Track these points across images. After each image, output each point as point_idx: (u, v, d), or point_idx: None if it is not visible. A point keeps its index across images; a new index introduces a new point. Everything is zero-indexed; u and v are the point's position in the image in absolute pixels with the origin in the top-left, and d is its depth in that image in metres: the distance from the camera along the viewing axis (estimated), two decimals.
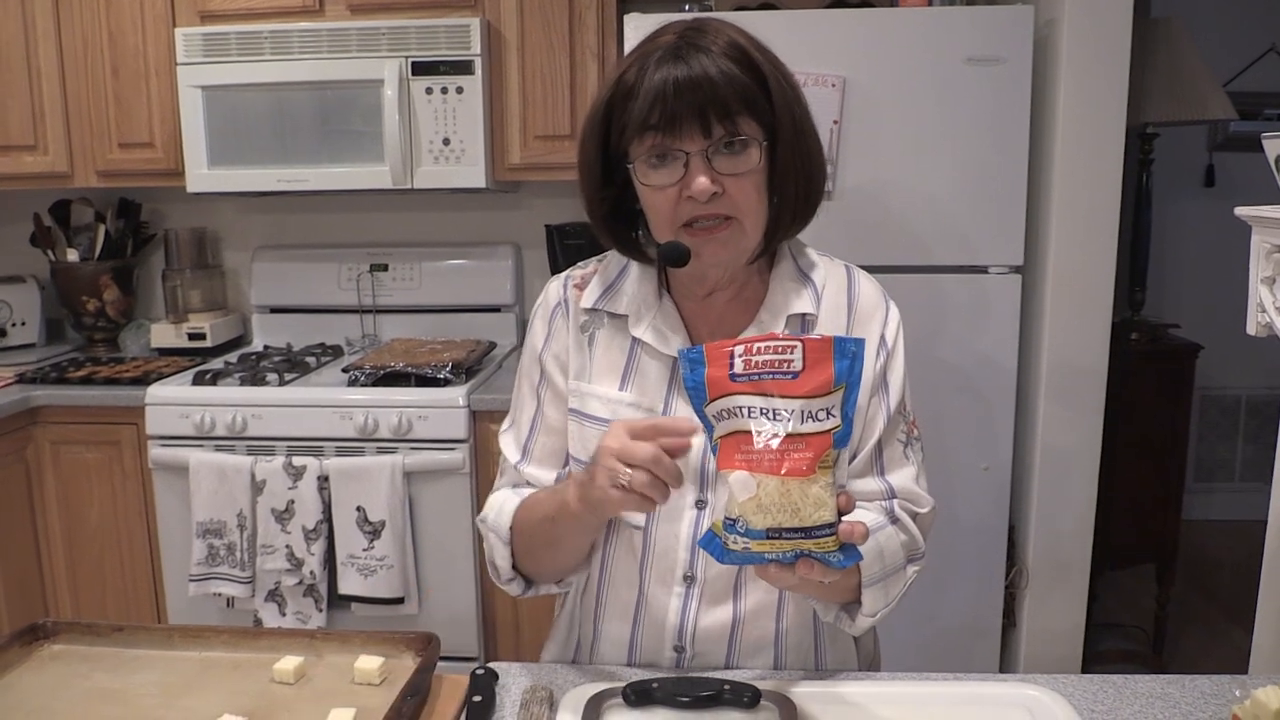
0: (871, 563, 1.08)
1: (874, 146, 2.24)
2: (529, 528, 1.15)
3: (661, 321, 1.17)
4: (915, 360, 2.26)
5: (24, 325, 3.04)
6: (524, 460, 1.23)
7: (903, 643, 2.40)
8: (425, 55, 2.55)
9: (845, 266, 1.24)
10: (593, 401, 1.18)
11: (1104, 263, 2.27)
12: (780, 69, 1.08)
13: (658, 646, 1.18)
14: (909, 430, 1.20)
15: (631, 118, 1.06)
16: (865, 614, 1.10)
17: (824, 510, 0.87)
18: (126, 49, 2.69)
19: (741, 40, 1.07)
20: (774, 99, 1.05)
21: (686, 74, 1.03)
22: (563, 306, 1.23)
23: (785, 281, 1.18)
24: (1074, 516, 2.35)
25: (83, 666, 1.10)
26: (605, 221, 1.17)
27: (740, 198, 1.07)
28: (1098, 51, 2.21)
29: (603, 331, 1.20)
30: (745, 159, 1.05)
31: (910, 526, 1.15)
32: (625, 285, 1.20)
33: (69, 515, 2.61)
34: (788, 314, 1.16)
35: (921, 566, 1.17)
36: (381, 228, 3.05)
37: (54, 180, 2.80)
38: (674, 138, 1.05)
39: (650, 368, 1.17)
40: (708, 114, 1.03)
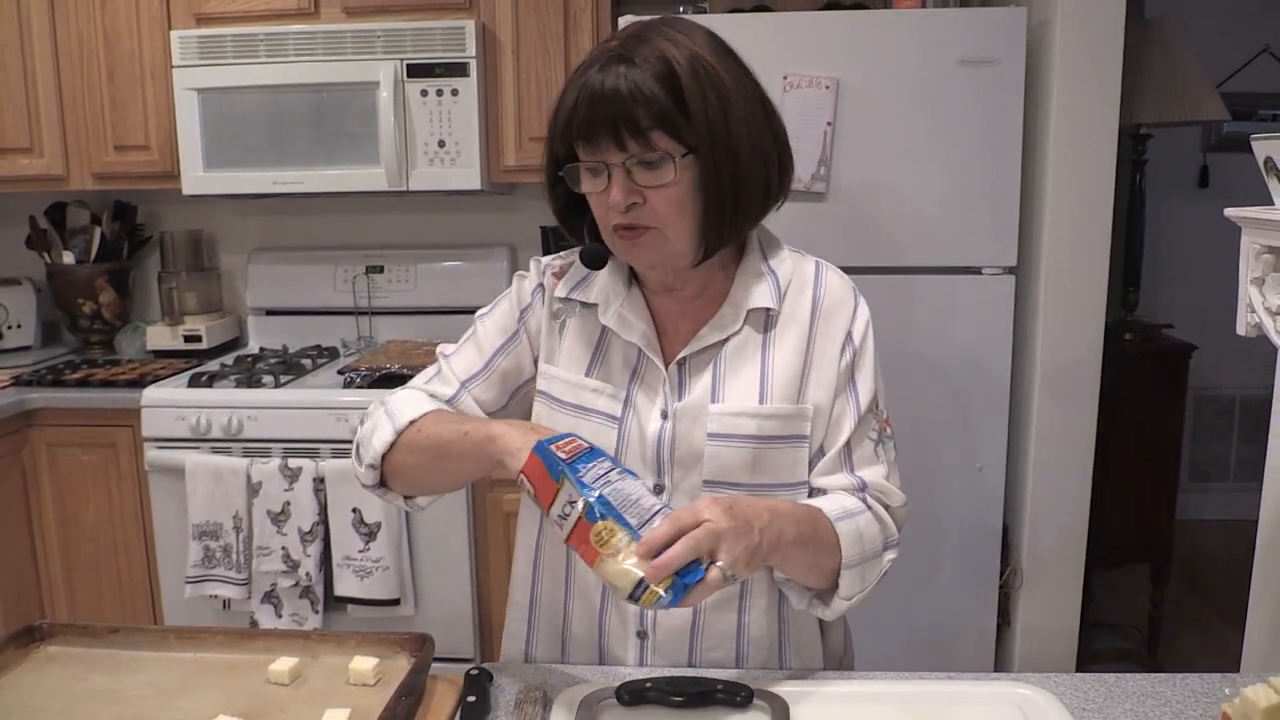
0: (851, 545, 1.10)
1: (867, 148, 2.24)
2: (431, 432, 1.15)
3: (627, 309, 1.19)
4: (910, 361, 2.29)
5: (20, 328, 3.04)
6: (461, 391, 1.25)
7: (897, 642, 2.41)
8: (420, 57, 2.55)
9: (815, 263, 1.24)
10: (559, 384, 1.21)
11: (1097, 263, 2.28)
12: (712, 83, 1.06)
13: (623, 632, 1.19)
14: (880, 429, 1.21)
15: (557, 126, 1.11)
16: (842, 596, 1.12)
17: (627, 579, 0.93)
18: (122, 52, 2.70)
19: (673, 53, 1.05)
20: (692, 116, 1.05)
21: (601, 89, 1.05)
22: (541, 290, 1.26)
23: (749, 277, 1.19)
24: (1068, 516, 2.36)
25: (78, 668, 1.10)
26: (561, 214, 1.21)
27: (660, 209, 1.08)
28: (1091, 53, 2.22)
29: (573, 320, 1.23)
30: (662, 174, 1.07)
31: (884, 515, 1.17)
32: (597, 276, 1.22)
33: (65, 517, 2.61)
34: (749, 308, 1.17)
35: (897, 554, 1.18)
36: (377, 230, 3.05)
37: (49, 183, 2.80)
38: (594, 149, 1.08)
39: (615, 356, 1.20)
40: (620, 130, 1.05)
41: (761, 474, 1.14)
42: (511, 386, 1.27)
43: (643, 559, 0.92)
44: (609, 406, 1.18)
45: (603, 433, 1.17)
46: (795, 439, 1.16)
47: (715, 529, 0.95)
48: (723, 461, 1.14)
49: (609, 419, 1.17)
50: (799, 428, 1.16)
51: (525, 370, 1.27)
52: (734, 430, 1.14)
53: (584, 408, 1.19)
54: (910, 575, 2.37)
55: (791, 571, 1.12)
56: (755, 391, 1.15)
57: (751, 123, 1.09)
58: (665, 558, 0.92)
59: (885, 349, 2.29)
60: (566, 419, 1.19)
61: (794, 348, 1.17)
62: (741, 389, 1.15)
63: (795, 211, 2.27)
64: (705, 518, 0.95)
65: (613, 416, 1.17)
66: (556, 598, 1.24)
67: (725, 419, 1.14)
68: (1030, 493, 2.36)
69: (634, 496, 0.97)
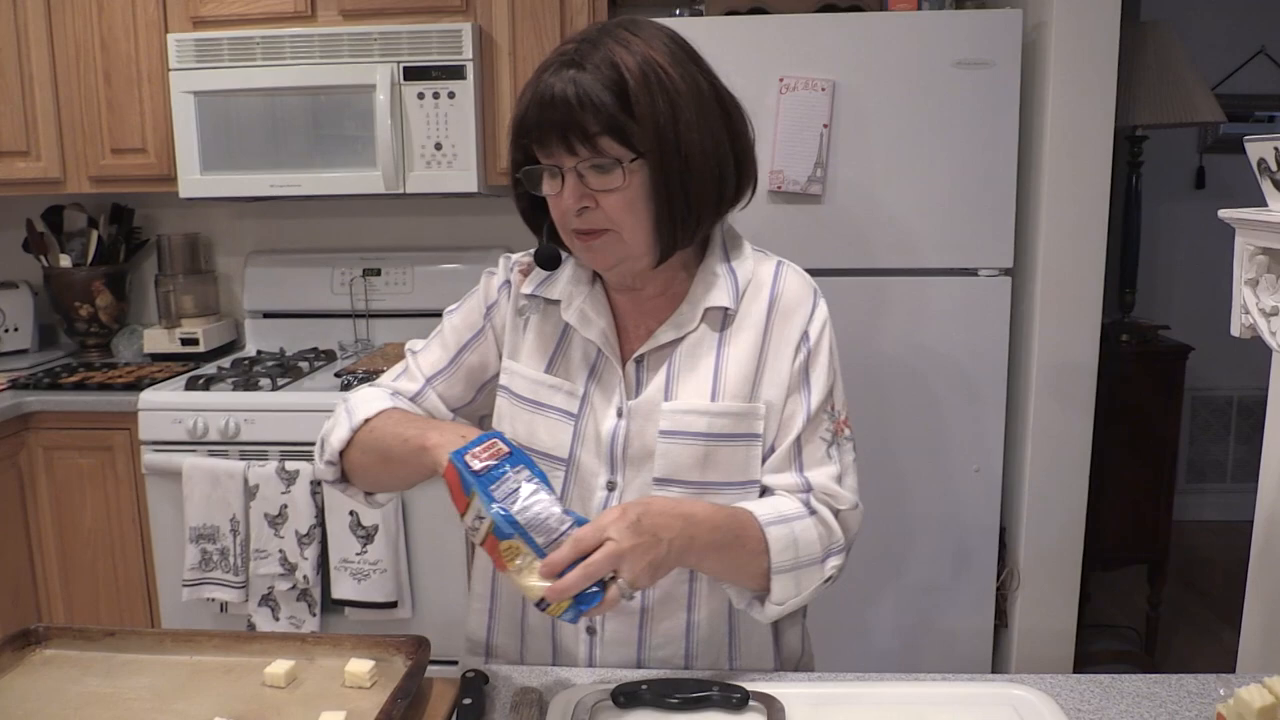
0: (783, 550, 1.09)
1: (864, 150, 2.25)
2: (380, 433, 1.17)
3: (589, 306, 1.20)
4: (907, 363, 2.29)
5: (17, 331, 3.04)
6: (427, 388, 1.27)
7: (893, 643, 2.41)
8: (417, 60, 2.55)
9: (777, 263, 1.24)
10: (519, 380, 1.23)
11: (1093, 264, 2.28)
12: (663, 87, 1.07)
13: (573, 628, 1.20)
14: (836, 430, 1.19)
15: (514, 130, 1.13)
16: (774, 601, 1.11)
17: (532, 594, 0.96)
18: (119, 55, 2.70)
19: (624, 58, 1.06)
20: (640, 122, 1.06)
21: (550, 94, 1.06)
22: (507, 286, 1.28)
23: (708, 276, 1.19)
24: (1065, 517, 2.36)
25: (74, 671, 1.10)
26: (525, 215, 1.22)
27: (612, 212, 1.10)
28: (1086, 54, 2.23)
29: (536, 316, 1.25)
30: (612, 178, 1.08)
31: (829, 520, 1.15)
32: (562, 273, 1.24)
33: (62, 521, 2.61)
34: (706, 306, 1.18)
35: (844, 562, 1.16)
36: (374, 232, 3.05)
37: (47, 186, 2.80)
38: (547, 153, 1.10)
39: (575, 353, 1.21)
40: (569, 135, 1.06)
41: (712, 472, 1.15)
42: (478, 382, 1.28)
43: (545, 579, 0.95)
44: (566, 403, 1.19)
45: (559, 429, 1.18)
46: (747, 437, 1.16)
47: (616, 551, 0.95)
48: (673, 459, 1.14)
49: (566, 415, 1.19)
50: (751, 426, 1.16)
51: (491, 366, 1.28)
52: (685, 428, 1.14)
53: (542, 404, 1.20)
54: (906, 575, 2.39)
55: (713, 575, 1.13)
56: (708, 389, 1.16)
57: (703, 126, 1.10)
58: (563, 583, 0.94)
59: (882, 351, 2.31)
60: (525, 414, 1.21)
61: (749, 346, 1.18)
62: (694, 387, 1.16)
63: (792, 213, 2.28)
64: (609, 536, 0.96)
65: (569, 413, 1.19)
66: (514, 591, 1.24)
67: (676, 416, 1.15)
68: (1027, 494, 2.36)
69: (542, 516, 0.97)
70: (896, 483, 2.36)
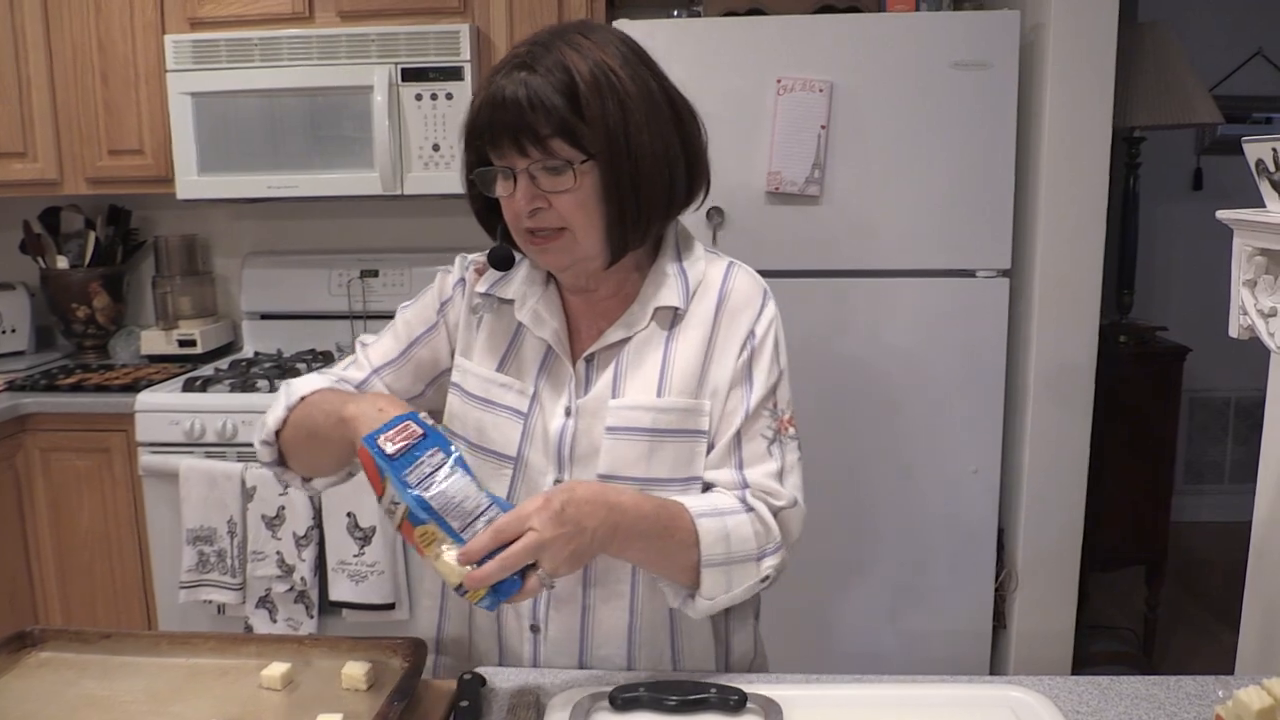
0: (714, 544, 1.08)
1: (861, 151, 2.25)
2: (311, 407, 1.17)
3: (542, 307, 1.22)
4: (905, 364, 2.29)
5: (14, 332, 3.04)
6: (373, 377, 1.28)
7: (891, 644, 2.41)
8: (415, 61, 2.55)
9: (729, 264, 1.25)
10: (471, 378, 1.24)
11: (1091, 266, 2.28)
12: (614, 90, 1.08)
13: (517, 625, 1.21)
14: (778, 428, 1.19)
15: (466, 130, 1.14)
16: (704, 596, 1.10)
17: (451, 579, 0.96)
18: (116, 56, 2.69)
19: (575, 61, 1.08)
20: (590, 124, 1.07)
21: (501, 95, 1.08)
22: (462, 284, 1.29)
23: (659, 276, 1.20)
24: (1063, 518, 2.36)
25: (70, 674, 1.10)
26: (479, 215, 1.24)
27: (565, 213, 1.11)
28: (1084, 56, 2.22)
29: (490, 315, 1.26)
30: (564, 179, 1.09)
31: (766, 518, 1.13)
32: (517, 273, 1.25)
33: (59, 522, 2.60)
34: (656, 306, 1.19)
35: (782, 562, 1.14)
36: (372, 234, 3.05)
37: (44, 187, 2.80)
38: (499, 154, 1.11)
39: (527, 352, 1.22)
40: (520, 137, 1.08)
41: (657, 467, 1.15)
42: (427, 376, 1.29)
43: (463, 565, 0.95)
44: (516, 402, 1.20)
45: (509, 428, 1.20)
46: (692, 433, 1.17)
47: (537, 541, 0.95)
48: (618, 455, 1.15)
49: (516, 414, 1.20)
50: (696, 422, 1.17)
51: (442, 361, 1.29)
52: (630, 424, 1.15)
53: (492, 402, 1.21)
54: (904, 576, 2.38)
55: (640, 565, 1.14)
56: (654, 386, 1.17)
57: (654, 129, 1.11)
58: (481, 573, 0.94)
59: (880, 352, 2.31)
60: (476, 412, 1.22)
61: (696, 344, 1.18)
62: (641, 384, 1.17)
63: (789, 214, 2.28)
64: (530, 526, 0.96)
65: (519, 412, 1.20)
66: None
67: (622, 413, 1.16)
68: (1025, 495, 2.36)
69: (458, 499, 0.97)
70: (894, 484, 2.35)
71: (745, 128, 2.26)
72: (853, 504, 2.37)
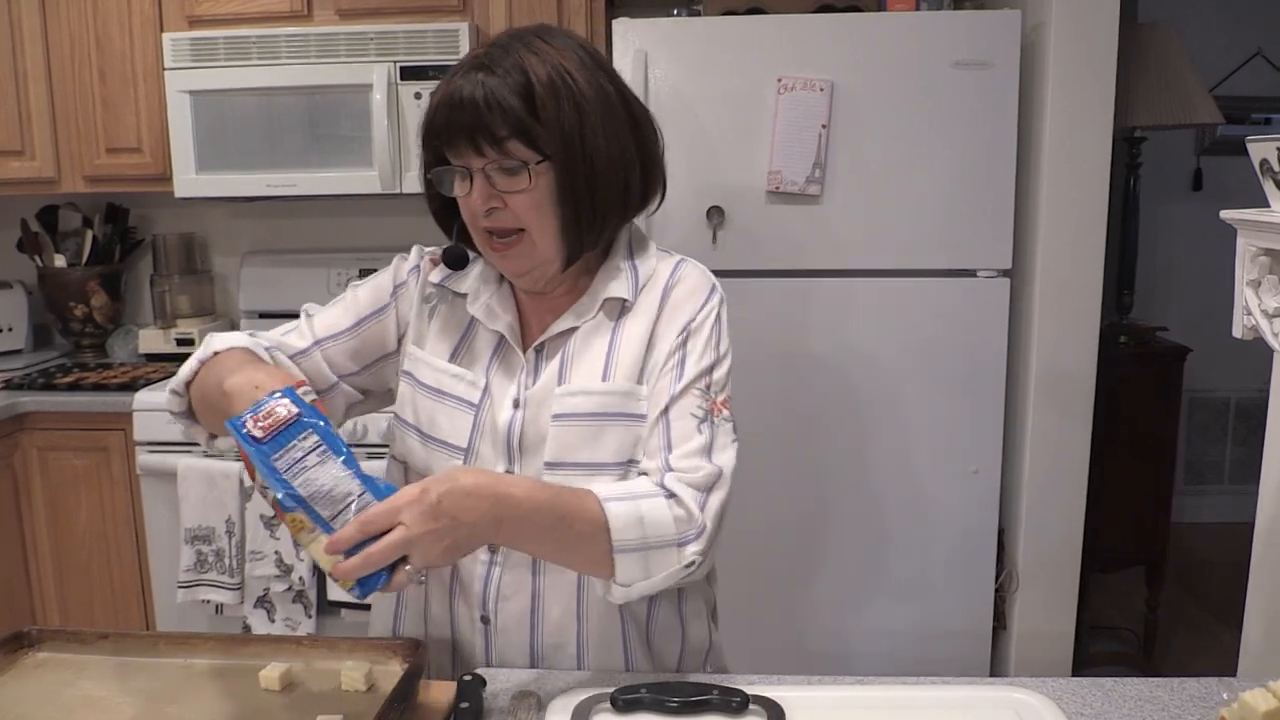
0: (626, 529, 1.05)
1: (862, 150, 2.24)
2: (214, 369, 1.14)
3: (495, 301, 1.23)
4: (905, 363, 2.28)
5: (11, 331, 3.03)
6: (314, 349, 1.26)
7: (891, 645, 2.41)
8: (414, 60, 2.54)
9: (680, 260, 1.26)
10: (422, 367, 1.24)
11: (1092, 266, 2.28)
12: (570, 93, 1.10)
13: (469, 616, 1.21)
14: (710, 409, 1.16)
15: (423, 129, 1.14)
16: (619, 583, 1.06)
17: (324, 563, 0.95)
18: (114, 53, 2.68)
19: (533, 63, 1.10)
20: (545, 125, 1.09)
21: (459, 96, 1.09)
22: (416, 271, 1.29)
23: (610, 272, 1.22)
24: (1064, 519, 2.36)
25: (68, 674, 1.09)
26: (437, 215, 1.25)
27: (521, 213, 1.13)
28: (1085, 56, 2.22)
29: (444, 307, 1.26)
30: (519, 180, 1.11)
31: (689, 504, 1.09)
32: (472, 269, 1.26)
33: (57, 522, 2.59)
34: (605, 297, 1.20)
35: (706, 548, 1.09)
36: (370, 232, 3.04)
37: (41, 186, 2.79)
38: (456, 154, 1.13)
39: (479, 344, 1.23)
40: (476, 137, 1.09)
41: (600, 452, 1.15)
42: (370, 357, 1.28)
43: (330, 555, 0.94)
44: (467, 393, 1.21)
45: (460, 418, 1.20)
46: (633, 417, 1.16)
47: (405, 538, 0.93)
48: (563, 441, 1.15)
49: (466, 405, 1.20)
50: (636, 406, 1.17)
51: (388, 344, 1.29)
52: (574, 410, 1.16)
53: (444, 392, 1.22)
54: (905, 578, 2.38)
55: (540, 556, 1.14)
56: (599, 372, 1.17)
57: (609, 133, 1.13)
58: (346, 566, 0.93)
59: (879, 352, 2.30)
60: (428, 402, 1.22)
61: (640, 332, 1.19)
62: (586, 370, 1.18)
63: (790, 214, 2.28)
64: (400, 520, 0.94)
65: (470, 403, 1.20)
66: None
67: (567, 399, 1.16)
68: (1026, 495, 2.35)
69: (327, 487, 0.95)
70: (894, 484, 2.35)
71: (745, 127, 2.25)
72: (852, 505, 2.37)
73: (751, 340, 2.32)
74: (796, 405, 2.35)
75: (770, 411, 2.34)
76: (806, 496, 2.38)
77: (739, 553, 2.35)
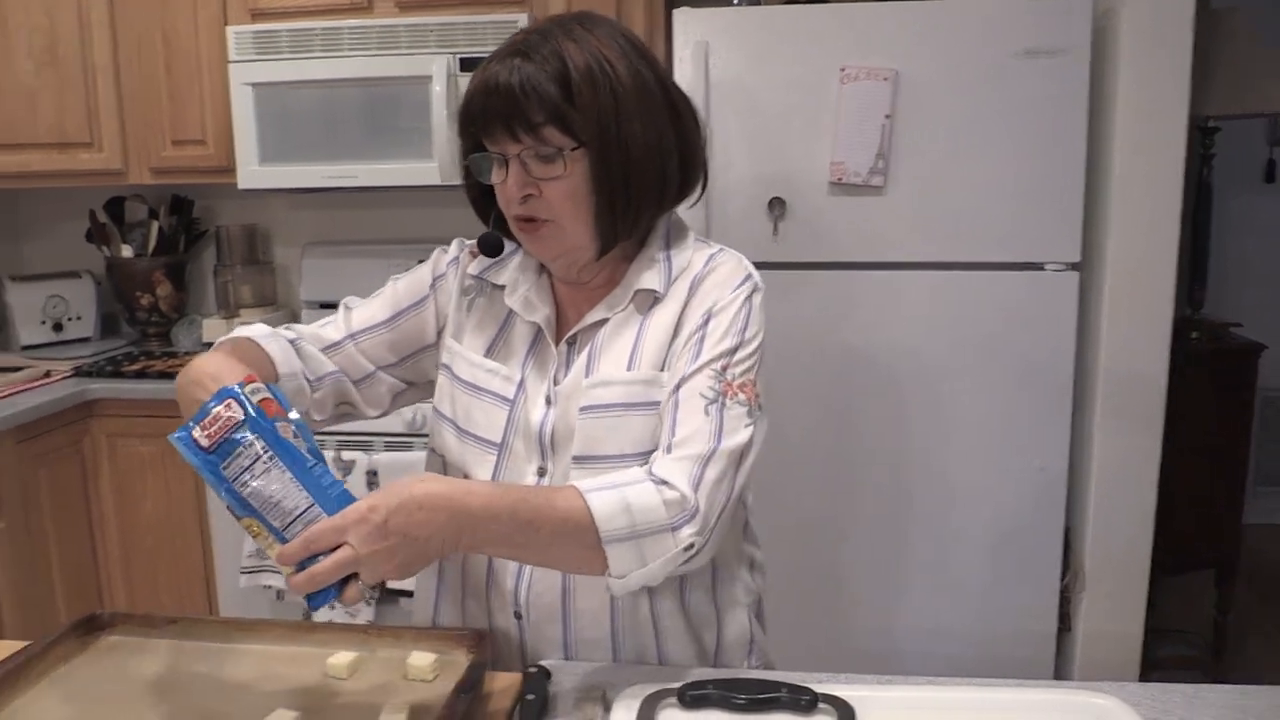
0: (613, 518, 1.00)
1: (927, 141, 2.20)
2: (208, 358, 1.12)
3: (533, 294, 1.22)
4: (971, 358, 2.24)
5: (80, 320, 3.09)
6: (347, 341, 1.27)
7: (952, 645, 2.37)
8: (473, 51, 2.55)
9: (715, 252, 1.22)
10: (460, 361, 1.24)
11: (1165, 260, 2.21)
12: (607, 80, 1.08)
13: (503, 608, 1.20)
14: (723, 390, 1.11)
15: (460, 115, 1.15)
16: (614, 574, 1.02)
17: (286, 569, 0.93)
18: (180, 47, 2.72)
19: (571, 50, 1.08)
20: (582, 111, 1.08)
21: (495, 81, 1.09)
22: (456, 263, 1.29)
23: (645, 262, 1.20)
24: (1133, 518, 2.29)
25: (138, 658, 1.11)
26: (475, 203, 1.25)
27: (555, 201, 1.11)
28: (1158, 43, 2.16)
29: (482, 300, 1.27)
30: (555, 167, 1.10)
31: (680, 486, 1.04)
32: (511, 260, 1.25)
33: (124, 507, 2.64)
34: (636, 289, 1.18)
35: (702, 529, 1.04)
36: (430, 224, 3.05)
37: (109, 177, 2.84)
38: (493, 140, 1.12)
39: (516, 338, 1.23)
40: (512, 123, 1.09)
41: (625, 443, 1.13)
42: (408, 349, 1.29)
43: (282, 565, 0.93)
44: (502, 388, 1.20)
45: (495, 414, 1.20)
46: (655, 405, 1.14)
47: (350, 558, 0.91)
48: (590, 434, 1.14)
49: (501, 401, 1.20)
50: (658, 394, 1.14)
51: (426, 336, 1.29)
52: (600, 401, 1.14)
53: (479, 387, 1.22)
54: (968, 576, 2.34)
55: (520, 561, 1.14)
56: (625, 362, 1.16)
57: (647, 121, 1.11)
58: (295, 582, 0.92)
59: (944, 346, 2.26)
60: (464, 397, 1.22)
61: (667, 321, 1.17)
62: (612, 361, 1.16)
63: (852, 206, 2.24)
64: (346, 540, 0.92)
65: (505, 399, 1.20)
66: (455, 569, 1.25)
67: (593, 391, 1.15)
68: (1094, 494, 2.30)
69: (276, 497, 0.92)
70: (957, 481, 2.31)
71: (808, 118, 2.22)
72: (914, 502, 2.33)
73: (811, 334, 2.29)
74: (857, 400, 2.31)
75: (831, 406, 2.31)
76: (866, 492, 2.34)
77: (796, 548, 2.33)
